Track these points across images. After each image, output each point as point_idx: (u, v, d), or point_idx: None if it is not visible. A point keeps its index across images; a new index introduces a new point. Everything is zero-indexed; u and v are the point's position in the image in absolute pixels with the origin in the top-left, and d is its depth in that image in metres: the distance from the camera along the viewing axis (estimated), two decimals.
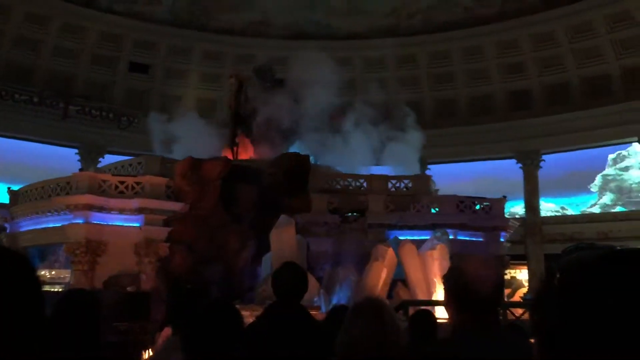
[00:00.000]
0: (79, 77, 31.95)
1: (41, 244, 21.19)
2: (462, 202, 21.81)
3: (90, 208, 19.14)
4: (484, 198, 22.68)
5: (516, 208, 31.27)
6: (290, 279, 3.89)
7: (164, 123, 24.89)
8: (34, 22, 30.32)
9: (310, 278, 15.98)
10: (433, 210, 21.69)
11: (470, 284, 2.43)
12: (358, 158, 25.43)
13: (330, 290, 15.99)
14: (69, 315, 2.92)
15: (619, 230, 28.32)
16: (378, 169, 25.59)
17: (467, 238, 21.09)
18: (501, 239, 22.29)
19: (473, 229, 21.28)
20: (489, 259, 2.85)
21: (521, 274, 31.49)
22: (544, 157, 31.19)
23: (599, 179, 30.96)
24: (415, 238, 19.66)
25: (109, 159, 29.35)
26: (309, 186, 21.24)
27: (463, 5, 32.09)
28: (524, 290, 30.08)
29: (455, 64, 33.20)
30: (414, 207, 21.54)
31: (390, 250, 17.03)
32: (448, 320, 2.60)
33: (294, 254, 16.01)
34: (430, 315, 5.56)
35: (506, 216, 24.01)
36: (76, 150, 31.57)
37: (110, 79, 32.83)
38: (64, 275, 20.90)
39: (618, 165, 30.71)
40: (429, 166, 31.52)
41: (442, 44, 32.96)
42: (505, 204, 23.44)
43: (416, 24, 32.95)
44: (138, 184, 19.93)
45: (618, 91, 29.57)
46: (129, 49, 32.61)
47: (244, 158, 23.45)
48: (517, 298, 28.41)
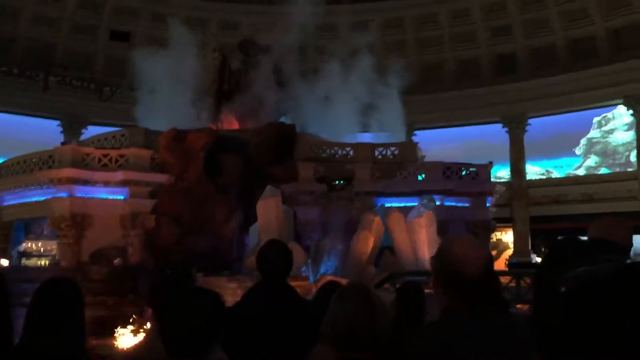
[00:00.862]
0: (59, 47, 31.31)
1: (25, 217, 21.02)
2: (449, 169, 21.82)
3: (74, 181, 18.94)
4: (470, 164, 22.70)
5: (502, 172, 31.42)
6: (274, 258, 3.82)
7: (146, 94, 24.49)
8: None
9: (298, 248, 16.02)
10: (420, 177, 21.68)
11: (458, 266, 2.37)
12: (344, 125, 25.28)
13: (318, 260, 16.03)
14: (47, 310, 2.84)
15: (603, 192, 28.60)
16: (364, 137, 25.49)
17: (454, 204, 21.16)
18: (487, 204, 22.40)
19: (459, 194, 21.34)
20: (476, 239, 2.85)
21: (507, 236, 31.85)
22: (530, 121, 31.23)
23: (584, 141, 31.12)
24: (402, 205, 19.70)
25: (92, 131, 28.97)
26: (295, 155, 21.14)
27: None
28: (510, 252, 30.45)
29: (442, 27, 32.89)
30: (400, 174, 21.51)
31: (377, 218, 17.05)
32: (437, 301, 2.55)
33: (280, 224, 16.01)
34: (418, 288, 5.53)
35: (492, 181, 24.10)
36: (58, 122, 31.11)
37: (91, 48, 32.22)
38: (50, 247, 20.83)
39: (603, 128, 30.85)
40: (416, 132, 31.46)
41: (429, 8, 32.59)
42: (491, 169, 23.49)
43: None
44: (122, 156, 19.72)
45: (604, 53, 29.51)
46: (110, 17, 31.93)
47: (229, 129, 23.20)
48: (503, 260, 28.74)
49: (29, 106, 29.75)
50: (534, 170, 32.02)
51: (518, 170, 31.07)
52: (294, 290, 3.97)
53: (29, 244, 21.91)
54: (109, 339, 11.46)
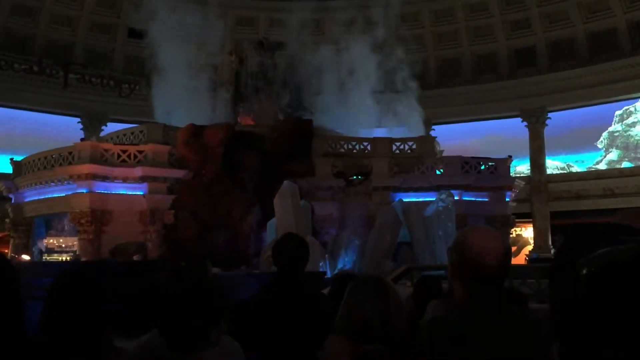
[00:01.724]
0: (77, 45, 31.60)
1: (46, 213, 21.26)
2: (467, 163, 21.67)
3: (93, 177, 19.11)
4: (489, 158, 22.53)
5: (522, 167, 31.12)
6: (290, 251, 3.81)
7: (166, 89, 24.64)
8: None
9: (315, 243, 16.04)
10: (438, 172, 21.56)
11: (476, 257, 2.33)
12: (361, 120, 25.24)
13: (335, 255, 16.03)
14: (65, 302, 2.85)
15: (625, 187, 28.21)
16: (381, 132, 25.40)
17: (472, 199, 21.01)
18: (506, 199, 22.21)
19: (478, 189, 21.19)
20: (495, 230, 2.80)
21: (526, 232, 31.55)
22: (550, 115, 30.87)
23: (605, 135, 30.67)
24: (420, 200, 19.61)
25: (112, 127, 29.21)
26: (313, 150, 21.13)
27: None
28: (529, 247, 30.17)
29: (460, 21, 32.64)
30: (418, 169, 21.41)
31: (395, 213, 17.00)
32: (454, 294, 2.51)
33: (298, 219, 16.02)
34: (436, 281, 5.50)
35: (511, 175, 23.89)
36: (78, 120, 31.42)
37: (109, 46, 32.47)
38: (72, 243, 21.05)
39: (625, 122, 30.38)
40: (434, 127, 31.27)
41: (446, 1, 32.35)
42: (510, 163, 23.28)
43: None
44: (141, 152, 19.85)
45: (624, 46, 29.06)
46: (127, 15, 32.12)
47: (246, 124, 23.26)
48: (523, 256, 28.50)
49: (49, 103, 30.07)
50: (554, 165, 31.66)
51: (538, 164, 30.74)
52: (310, 282, 3.96)
53: (50, 240, 22.16)
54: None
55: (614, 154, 30.50)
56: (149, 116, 25.15)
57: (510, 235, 25.47)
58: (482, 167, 21.98)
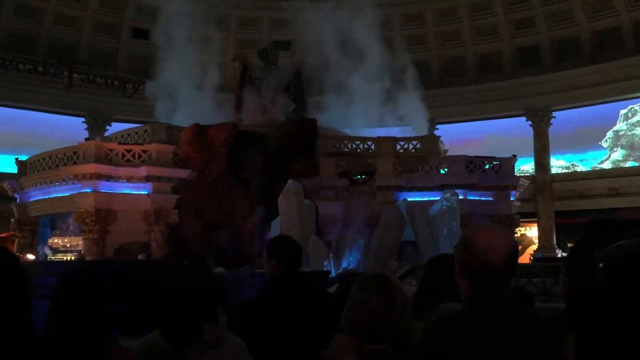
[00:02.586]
0: (82, 45, 31.66)
1: (51, 213, 21.32)
2: (472, 162, 21.64)
3: (98, 177, 19.15)
4: (494, 157, 22.50)
5: (526, 166, 31.06)
6: (283, 252, 3.81)
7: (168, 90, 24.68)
8: None
9: (320, 242, 16.03)
10: (442, 171, 21.53)
11: (481, 255, 2.32)
12: (365, 119, 25.23)
13: (339, 254, 16.01)
14: (70, 300, 2.85)
15: (630, 186, 28.12)
16: (385, 131, 25.38)
17: (477, 198, 20.99)
18: (511, 198, 22.17)
19: (483, 188, 21.16)
20: (502, 228, 2.79)
21: (531, 231, 31.48)
22: (554, 114, 30.79)
23: (610, 134, 30.58)
24: (424, 199, 19.59)
25: (116, 127, 29.26)
26: (316, 150, 21.13)
27: None
28: (534, 247, 30.11)
29: (463, 20, 32.57)
30: (422, 169, 21.40)
31: (399, 212, 16.97)
32: (461, 291, 2.49)
33: (302, 218, 16.02)
34: None
35: (516, 175, 23.84)
36: (82, 119, 31.48)
37: (113, 46, 32.52)
38: (76, 242, 21.08)
39: (629, 121, 30.27)
40: (438, 126, 31.23)
41: (449, 1, 32.29)
42: (515, 163, 23.24)
43: None
44: (145, 152, 19.89)
45: (629, 45, 28.96)
46: (131, 15, 32.19)
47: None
48: (527, 255, 28.44)
49: (53, 103, 30.14)
50: (558, 164, 31.58)
51: (542, 164, 30.67)
52: (314, 281, 3.95)
53: (55, 240, 22.20)
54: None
55: (618, 153, 30.40)
56: (153, 116, 25.19)
57: (515, 234, 25.38)
58: (487, 167, 21.95)
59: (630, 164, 29.82)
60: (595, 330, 0.84)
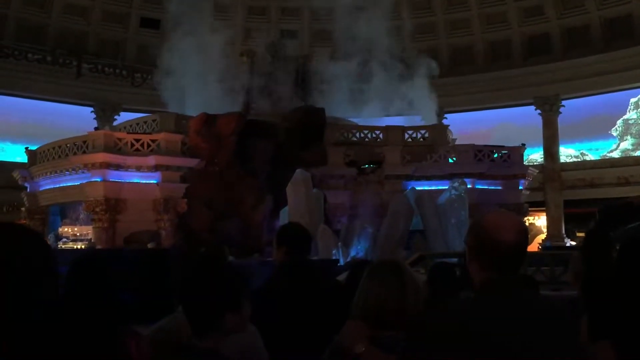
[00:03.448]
0: (90, 35, 31.69)
1: (61, 202, 21.46)
2: (480, 151, 21.57)
3: (107, 166, 19.24)
4: (502, 146, 22.41)
5: (535, 155, 30.92)
6: (292, 240, 3.82)
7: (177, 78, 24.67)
8: None
9: (328, 231, 16.06)
10: (450, 160, 21.48)
11: (491, 235, 2.31)
12: (373, 108, 25.17)
13: (348, 243, 16.04)
14: (81, 287, 2.88)
15: None
16: (394, 120, 25.31)
17: (485, 187, 20.93)
18: (520, 187, 22.10)
19: (491, 177, 21.10)
20: (509, 212, 2.78)
21: (539, 221, 31.39)
22: (564, 103, 30.59)
23: (620, 123, 30.36)
24: (432, 188, 19.56)
25: (125, 117, 29.33)
26: (325, 139, 21.12)
27: None
28: (543, 236, 30.02)
29: (472, 8, 32.34)
30: (431, 158, 21.35)
31: (407, 201, 16.97)
32: (472, 279, 2.48)
33: (310, 207, 16.05)
34: (450, 267, 5.49)
35: (525, 163, 23.74)
36: (91, 109, 31.58)
37: (122, 36, 32.53)
38: (86, 231, 21.23)
39: (639, 109, 30.07)
40: (446, 115, 31.11)
41: None
42: (523, 151, 23.15)
43: None
44: (154, 141, 19.94)
45: (639, 33, 28.69)
46: (140, 4, 32.16)
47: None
48: (536, 245, 28.36)
49: (62, 93, 30.23)
50: (567, 153, 31.42)
51: (551, 153, 30.52)
52: (323, 269, 3.97)
53: (65, 229, 22.36)
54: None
55: (628, 142, 30.20)
56: (162, 105, 25.23)
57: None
58: (495, 155, 21.88)
59: None
60: (608, 311, 0.84)
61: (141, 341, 2.87)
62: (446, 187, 18.75)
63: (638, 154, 29.63)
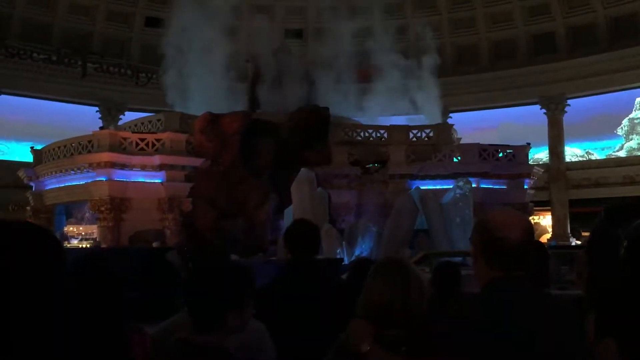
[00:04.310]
0: (95, 34, 31.78)
1: (66, 201, 21.53)
2: (485, 151, 21.53)
3: (112, 165, 19.30)
4: (507, 146, 22.37)
5: (540, 154, 30.84)
6: (300, 237, 3.81)
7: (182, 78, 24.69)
8: None
9: (332, 230, 16.05)
10: (455, 160, 21.44)
11: (496, 232, 2.30)
12: (378, 108, 25.14)
13: (352, 242, 16.04)
14: (84, 286, 2.89)
15: None
16: (398, 119, 25.28)
17: (490, 186, 20.89)
18: (525, 186, 22.05)
19: (496, 176, 21.06)
20: (514, 210, 2.77)
21: (545, 220, 31.32)
22: (569, 102, 30.51)
23: (625, 122, 30.27)
24: (437, 188, 19.54)
25: (129, 116, 29.39)
26: (329, 138, 21.10)
27: None
28: (548, 236, 29.95)
29: (477, 7, 32.27)
30: (435, 157, 21.32)
31: (412, 200, 16.95)
32: (477, 277, 2.47)
33: (315, 207, 16.04)
34: (454, 266, 5.48)
35: (530, 163, 23.69)
36: (96, 109, 31.66)
37: (126, 35, 32.60)
38: (92, 230, 21.30)
39: None
40: (451, 114, 31.06)
41: None
42: (528, 151, 23.09)
43: None
44: (158, 140, 20.00)
45: None
46: (144, 4, 32.22)
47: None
48: None
49: (67, 92, 30.32)
50: (573, 152, 31.34)
51: (556, 152, 30.45)
52: (324, 267, 3.97)
53: (71, 228, 22.43)
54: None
55: (634, 141, 30.10)
56: (166, 104, 25.26)
57: None
58: (500, 155, 21.84)
59: None
60: (615, 308, 0.84)
61: (145, 337, 2.87)
62: (451, 187, 18.71)
63: None
